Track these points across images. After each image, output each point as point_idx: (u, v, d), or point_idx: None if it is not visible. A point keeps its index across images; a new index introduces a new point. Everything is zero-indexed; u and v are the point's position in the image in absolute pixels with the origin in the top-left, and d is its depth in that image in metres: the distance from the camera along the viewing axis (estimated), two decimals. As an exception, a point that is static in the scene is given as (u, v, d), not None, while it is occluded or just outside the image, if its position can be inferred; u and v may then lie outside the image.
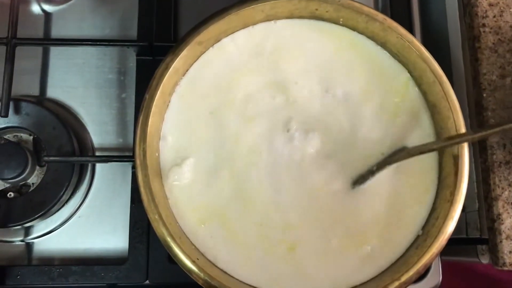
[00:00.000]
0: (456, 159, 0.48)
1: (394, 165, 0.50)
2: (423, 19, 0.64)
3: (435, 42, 0.65)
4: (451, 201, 0.47)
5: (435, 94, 0.51)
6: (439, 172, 0.51)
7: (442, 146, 0.49)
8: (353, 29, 0.53)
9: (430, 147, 0.48)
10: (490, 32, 0.58)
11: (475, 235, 0.59)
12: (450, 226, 0.47)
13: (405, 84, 0.53)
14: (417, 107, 0.52)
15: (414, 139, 0.51)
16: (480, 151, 0.58)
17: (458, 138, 0.48)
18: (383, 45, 0.53)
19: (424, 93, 0.52)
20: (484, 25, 0.59)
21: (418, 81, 0.52)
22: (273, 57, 0.53)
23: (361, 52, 0.53)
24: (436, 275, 0.58)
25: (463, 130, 0.49)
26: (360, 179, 0.50)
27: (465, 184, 0.48)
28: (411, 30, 0.62)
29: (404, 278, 0.46)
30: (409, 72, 0.53)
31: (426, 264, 0.46)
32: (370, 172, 0.50)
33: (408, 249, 0.49)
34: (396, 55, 0.53)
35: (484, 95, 0.57)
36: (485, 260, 0.58)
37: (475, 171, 0.59)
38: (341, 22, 0.53)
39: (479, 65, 0.58)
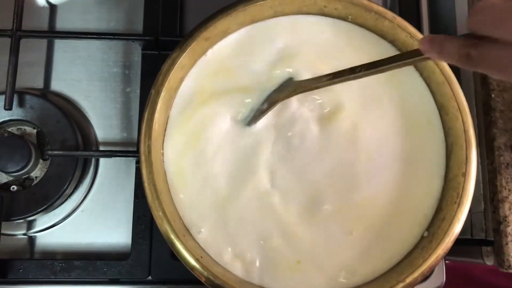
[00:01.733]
0: (464, 161, 0.48)
1: (399, 165, 0.50)
2: (431, 16, 0.63)
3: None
4: (458, 203, 0.47)
5: (443, 95, 0.50)
6: (445, 173, 0.50)
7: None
8: (362, 26, 0.53)
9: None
10: (500, 31, 0.57)
11: (480, 236, 0.59)
12: (457, 228, 0.47)
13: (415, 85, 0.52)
14: (425, 106, 0.52)
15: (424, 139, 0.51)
16: (487, 152, 0.57)
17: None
18: (392, 43, 0.52)
19: (432, 93, 0.52)
20: (494, 24, 0.58)
21: (426, 81, 0.52)
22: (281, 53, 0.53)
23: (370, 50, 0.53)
24: (440, 276, 0.57)
25: (471, 131, 0.48)
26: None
27: (472, 186, 0.47)
28: (419, 28, 0.62)
29: (409, 279, 0.46)
30: (419, 72, 0.52)
31: (432, 266, 0.46)
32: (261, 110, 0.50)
33: (413, 250, 0.49)
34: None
35: (493, 95, 0.57)
36: (490, 262, 0.58)
37: (481, 172, 0.59)
38: (350, 20, 0.52)
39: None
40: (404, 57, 0.41)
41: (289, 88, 0.49)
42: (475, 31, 0.33)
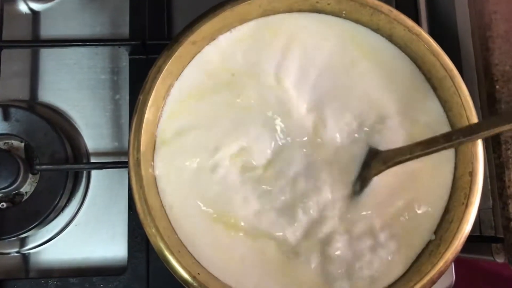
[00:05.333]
0: (471, 158, 0.45)
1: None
2: (429, 6, 0.61)
3: (443, 32, 0.61)
4: (466, 204, 0.45)
5: (446, 90, 0.48)
6: (453, 172, 0.48)
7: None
8: (357, 22, 0.50)
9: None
10: (502, 19, 0.55)
11: (489, 233, 0.57)
12: (466, 230, 0.45)
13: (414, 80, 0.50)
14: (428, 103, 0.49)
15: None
16: (493, 146, 0.55)
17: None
18: (389, 38, 0.50)
19: (434, 89, 0.49)
20: (495, 12, 0.55)
21: (427, 76, 0.49)
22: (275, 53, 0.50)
23: (365, 46, 0.50)
24: (448, 276, 0.56)
25: (477, 127, 0.46)
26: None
27: (480, 186, 0.45)
28: (417, 20, 0.59)
29: (417, 286, 0.44)
30: (418, 66, 0.50)
31: (441, 271, 0.44)
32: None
33: (420, 256, 0.47)
34: (404, 49, 0.50)
35: (497, 87, 0.54)
36: (500, 259, 0.56)
37: (488, 167, 0.56)
38: (343, 15, 0.50)
39: (490, 55, 0.55)
40: (503, 121, 0.39)
41: (378, 161, 0.46)
42: None
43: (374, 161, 0.47)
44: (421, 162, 0.46)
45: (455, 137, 0.41)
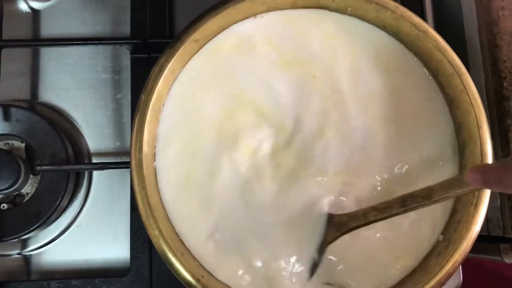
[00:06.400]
0: (479, 158, 0.45)
1: (410, 165, 0.47)
2: (435, 2, 0.60)
3: (449, 28, 0.60)
4: (475, 204, 0.44)
5: (453, 87, 0.47)
6: (459, 172, 0.47)
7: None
8: (362, 19, 0.49)
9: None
10: (509, 15, 0.54)
11: (497, 233, 0.56)
12: (474, 231, 0.44)
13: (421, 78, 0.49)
14: (434, 101, 0.48)
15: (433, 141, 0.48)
16: (501, 145, 0.54)
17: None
18: (396, 35, 0.49)
19: (441, 87, 0.48)
20: (503, 7, 0.54)
21: (434, 73, 0.49)
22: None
23: (371, 43, 0.49)
24: (456, 277, 0.55)
25: (485, 126, 0.45)
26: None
27: (489, 185, 0.44)
28: (422, 16, 0.58)
29: (425, 289, 0.43)
30: (425, 64, 0.49)
31: (449, 273, 0.43)
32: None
33: (428, 257, 0.46)
34: (410, 46, 0.49)
35: (505, 84, 0.53)
36: (508, 259, 0.55)
37: (496, 165, 0.56)
38: (349, 12, 0.49)
39: (498, 52, 0.54)
40: (452, 187, 0.39)
41: (331, 227, 0.45)
42: None
43: (328, 227, 0.45)
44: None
45: (408, 202, 0.41)
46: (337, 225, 0.45)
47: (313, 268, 0.45)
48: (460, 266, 0.54)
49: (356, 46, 0.49)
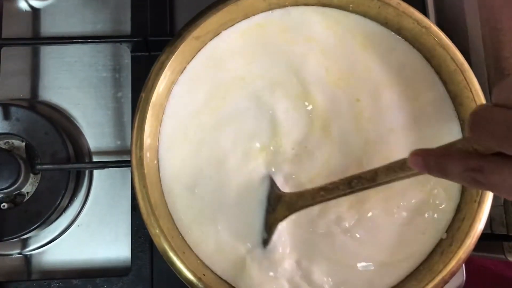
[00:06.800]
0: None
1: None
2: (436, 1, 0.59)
3: (451, 25, 0.60)
4: (479, 201, 0.44)
5: (456, 84, 0.46)
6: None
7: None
8: (364, 15, 0.49)
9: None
10: (512, 11, 0.54)
11: (500, 231, 0.55)
12: (478, 229, 0.44)
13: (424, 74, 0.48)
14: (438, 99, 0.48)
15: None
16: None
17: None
18: (398, 32, 0.48)
19: (444, 83, 0.48)
20: (506, 3, 0.54)
21: (437, 70, 0.48)
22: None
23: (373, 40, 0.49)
24: (459, 275, 0.54)
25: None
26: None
27: (493, 182, 0.44)
28: (424, 12, 0.58)
29: (429, 287, 0.43)
30: (427, 60, 0.48)
31: (453, 271, 0.43)
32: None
33: (431, 255, 0.45)
34: (412, 42, 0.48)
35: (508, 81, 0.53)
36: (512, 258, 0.55)
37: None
38: (351, 8, 0.49)
39: (501, 49, 0.53)
40: (396, 170, 0.38)
41: (282, 206, 0.45)
42: (479, 145, 0.30)
43: (279, 205, 0.45)
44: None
45: (354, 184, 0.40)
46: (287, 204, 0.44)
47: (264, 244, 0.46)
48: (464, 265, 0.54)
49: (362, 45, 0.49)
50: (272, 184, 0.46)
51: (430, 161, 0.33)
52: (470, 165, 0.30)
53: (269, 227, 0.45)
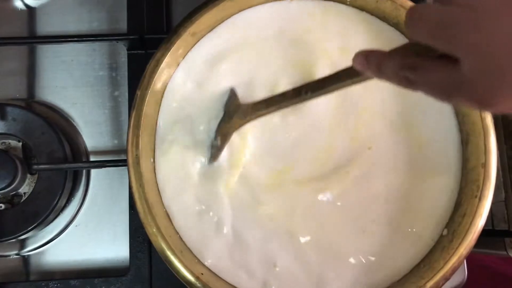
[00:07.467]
0: (483, 150, 0.44)
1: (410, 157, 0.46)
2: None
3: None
4: (479, 197, 0.43)
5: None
6: (463, 165, 0.46)
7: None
8: (362, 9, 0.48)
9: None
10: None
11: (502, 227, 0.55)
12: (479, 224, 0.43)
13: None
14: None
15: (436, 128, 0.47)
16: (505, 137, 0.53)
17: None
18: (396, 26, 0.48)
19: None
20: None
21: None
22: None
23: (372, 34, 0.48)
24: (461, 272, 0.54)
25: (488, 118, 0.44)
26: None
27: (493, 178, 0.43)
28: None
29: (430, 284, 0.42)
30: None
31: (454, 268, 0.42)
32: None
33: (432, 251, 0.45)
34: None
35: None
36: (514, 254, 0.54)
37: (500, 158, 0.55)
38: (348, 2, 0.48)
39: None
40: (343, 77, 0.37)
41: (238, 115, 0.45)
42: (417, 41, 0.29)
43: (236, 114, 0.45)
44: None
45: (304, 92, 0.40)
46: (244, 113, 0.44)
47: (215, 153, 0.46)
48: (465, 261, 0.53)
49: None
50: (232, 95, 0.46)
51: (371, 60, 0.32)
52: (406, 63, 0.29)
53: (224, 136, 0.45)
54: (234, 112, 0.45)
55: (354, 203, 0.47)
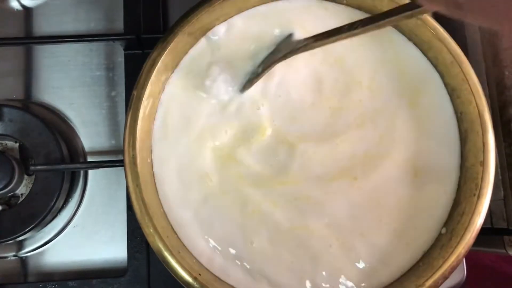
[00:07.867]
0: (481, 148, 0.43)
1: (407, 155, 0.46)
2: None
3: (447, 16, 0.59)
4: (478, 195, 0.43)
5: (453, 76, 0.46)
6: (461, 163, 0.46)
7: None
8: (359, 8, 0.48)
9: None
10: (510, 1, 0.53)
11: (501, 225, 0.55)
12: (478, 223, 0.43)
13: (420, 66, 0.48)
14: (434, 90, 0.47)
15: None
16: (504, 135, 0.53)
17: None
18: (394, 24, 0.48)
19: (441, 75, 0.47)
20: (502, -5, 0.53)
21: (434, 62, 0.47)
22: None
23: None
24: (460, 270, 0.54)
25: (487, 115, 0.44)
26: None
27: (492, 176, 0.43)
28: (420, 5, 0.57)
29: (428, 283, 0.42)
30: (424, 53, 0.48)
31: (453, 266, 0.42)
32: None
33: (430, 250, 0.45)
34: (409, 35, 0.48)
35: (506, 73, 0.52)
36: (513, 252, 0.54)
37: (498, 156, 0.54)
38: (345, 2, 0.48)
39: (499, 40, 0.53)
40: (401, 10, 0.36)
41: (287, 48, 0.45)
42: None
43: (286, 46, 0.45)
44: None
45: (356, 25, 0.39)
46: (295, 44, 0.44)
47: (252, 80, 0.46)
48: (464, 260, 0.53)
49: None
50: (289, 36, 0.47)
51: None
52: None
53: (268, 65, 0.45)
54: (284, 46, 0.45)
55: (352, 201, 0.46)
